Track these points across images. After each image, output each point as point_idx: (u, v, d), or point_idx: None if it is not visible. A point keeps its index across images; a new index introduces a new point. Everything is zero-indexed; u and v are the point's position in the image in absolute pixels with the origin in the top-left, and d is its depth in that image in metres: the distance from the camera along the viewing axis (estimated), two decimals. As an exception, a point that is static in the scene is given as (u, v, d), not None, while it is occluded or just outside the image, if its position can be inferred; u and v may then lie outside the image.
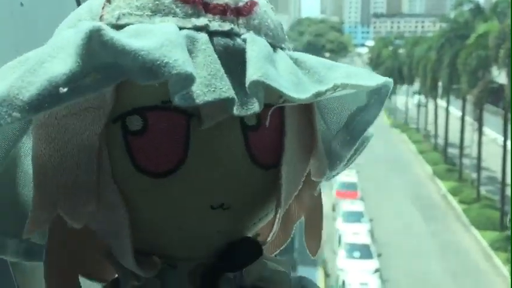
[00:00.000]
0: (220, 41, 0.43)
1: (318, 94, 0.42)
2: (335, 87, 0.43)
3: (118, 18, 0.42)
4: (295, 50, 0.50)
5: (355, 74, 0.45)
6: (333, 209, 19.38)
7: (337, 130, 0.53)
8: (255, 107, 0.40)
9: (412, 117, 34.82)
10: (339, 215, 17.87)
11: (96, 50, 0.35)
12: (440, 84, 24.06)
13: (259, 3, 0.48)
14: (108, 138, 0.43)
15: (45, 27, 0.52)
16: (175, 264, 0.48)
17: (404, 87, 35.84)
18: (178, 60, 0.36)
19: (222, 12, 0.44)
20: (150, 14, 0.42)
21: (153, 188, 0.43)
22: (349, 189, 20.40)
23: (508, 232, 16.18)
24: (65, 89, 0.35)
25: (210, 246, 0.47)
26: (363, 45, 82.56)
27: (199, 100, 0.38)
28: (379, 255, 15.23)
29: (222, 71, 0.40)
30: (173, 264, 0.48)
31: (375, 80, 0.46)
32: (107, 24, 0.39)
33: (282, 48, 0.48)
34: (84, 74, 0.35)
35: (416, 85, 32.17)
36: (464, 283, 14.97)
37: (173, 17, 0.42)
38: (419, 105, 31.66)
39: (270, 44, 0.45)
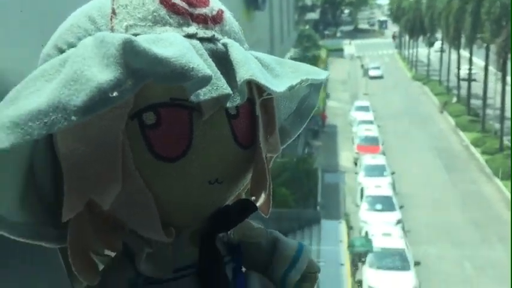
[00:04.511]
0: (208, 46, 0.50)
1: (291, 87, 0.51)
2: (301, 82, 0.53)
3: (126, 29, 0.48)
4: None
5: (304, 69, 0.56)
6: (355, 164, 19.49)
7: (288, 113, 0.67)
8: (240, 99, 0.49)
9: (434, 70, 34.23)
10: (361, 169, 18.01)
11: (131, 58, 0.41)
12: (462, 34, 23.51)
13: (224, 11, 0.56)
14: (128, 133, 0.49)
15: None
16: (180, 231, 0.55)
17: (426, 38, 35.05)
18: (200, 64, 0.43)
19: (204, 21, 0.52)
20: (151, 24, 0.49)
21: (168, 171, 0.51)
22: (371, 144, 20.43)
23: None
24: (115, 93, 0.40)
25: (205, 214, 0.57)
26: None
27: (207, 96, 0.46)
28: (401, 207, 15.37)
29: (219, 72, 0.48)
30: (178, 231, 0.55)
31: (323, 74, 0.58)
32: None
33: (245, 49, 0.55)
34: (125, 80, 0.40)
35: (438, 35, 31.36)
36: (486, 233, 15.05)
37: (169, 26, 0.50)
38: (441, 51, 31.09)
39: None
